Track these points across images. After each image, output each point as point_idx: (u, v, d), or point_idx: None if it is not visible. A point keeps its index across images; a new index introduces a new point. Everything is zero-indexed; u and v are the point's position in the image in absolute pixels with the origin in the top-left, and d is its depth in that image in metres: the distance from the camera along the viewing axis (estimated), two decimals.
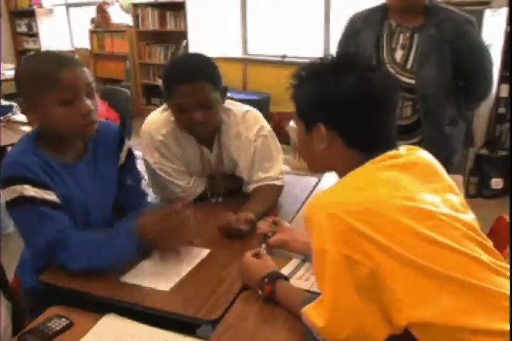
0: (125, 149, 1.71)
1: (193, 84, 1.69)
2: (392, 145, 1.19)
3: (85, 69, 1.47)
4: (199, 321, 1.32)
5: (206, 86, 1.71)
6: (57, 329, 1.27)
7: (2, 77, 6.09)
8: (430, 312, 0.99)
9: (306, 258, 1.51)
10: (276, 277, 1.31)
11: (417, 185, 1.12)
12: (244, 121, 1.92)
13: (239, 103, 1.99)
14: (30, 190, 1.42)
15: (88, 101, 1.45)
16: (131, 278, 1.43)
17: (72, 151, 1.56)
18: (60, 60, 1.45)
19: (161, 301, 1.36)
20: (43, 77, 1.41)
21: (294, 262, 1.50)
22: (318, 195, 1.15)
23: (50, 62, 1.45)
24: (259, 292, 1.31)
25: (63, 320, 1.30)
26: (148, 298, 1.37)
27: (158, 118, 1.90)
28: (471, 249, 1.06)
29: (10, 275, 1.71)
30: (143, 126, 1.93)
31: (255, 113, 1.97)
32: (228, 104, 1.91)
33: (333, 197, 1.10)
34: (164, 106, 1.91)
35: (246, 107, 1.96)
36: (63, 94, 1.41)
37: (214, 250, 1.59)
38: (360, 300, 1.02)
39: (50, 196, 1.46)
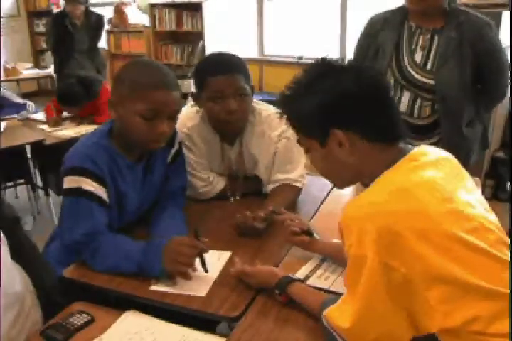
0: (173, 150, 1.77)
1: (227, 75, 1.74)
2: (405, 134, 1.19)
3: (178, 93, 1.54)
4: (220, 318, 1.33)
5: (240, 76, 1.76)
6: (79, 324, 1.28)
7: (21, 76, 6.19)
8: (463, 320, 0.99)
9: (325, 258, 1.52)
10: (285, 284, 1.30)
11: (453, 183, 1.11)
12: (269, 121, 1.92)
13: (266, 104, 2.00)
14: (89, 185, 1.49)
15: (166, 123, 1.51)
16: (160, 286, 1.42)
17: (137, 153, 1.64)
18: (161, 78, 1.50)
19: (182, 298, 1.37)
20: (140, 86, 1.47)
21: (314, 261, 1.51)
22: (358, 199, 1.10)
23: (152, 76, 1.50)
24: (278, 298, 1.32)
25: (85, 315, 1.31)
26: (170, 295, 1.38)
27: (185, 112, 1.93)
28: (504, 253, 1.06)
29: None
30: None
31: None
32: (254, 103, 1.92)
33: (376, 201, 1.05)
34: (191, 102, 1.92)
35: (273, 109, 1.95)
36: (148, 110, 1.47)
37: (233, 249, 1.60)
38: (391, 304, 1.02)
39: (103, 193, 1.53)
